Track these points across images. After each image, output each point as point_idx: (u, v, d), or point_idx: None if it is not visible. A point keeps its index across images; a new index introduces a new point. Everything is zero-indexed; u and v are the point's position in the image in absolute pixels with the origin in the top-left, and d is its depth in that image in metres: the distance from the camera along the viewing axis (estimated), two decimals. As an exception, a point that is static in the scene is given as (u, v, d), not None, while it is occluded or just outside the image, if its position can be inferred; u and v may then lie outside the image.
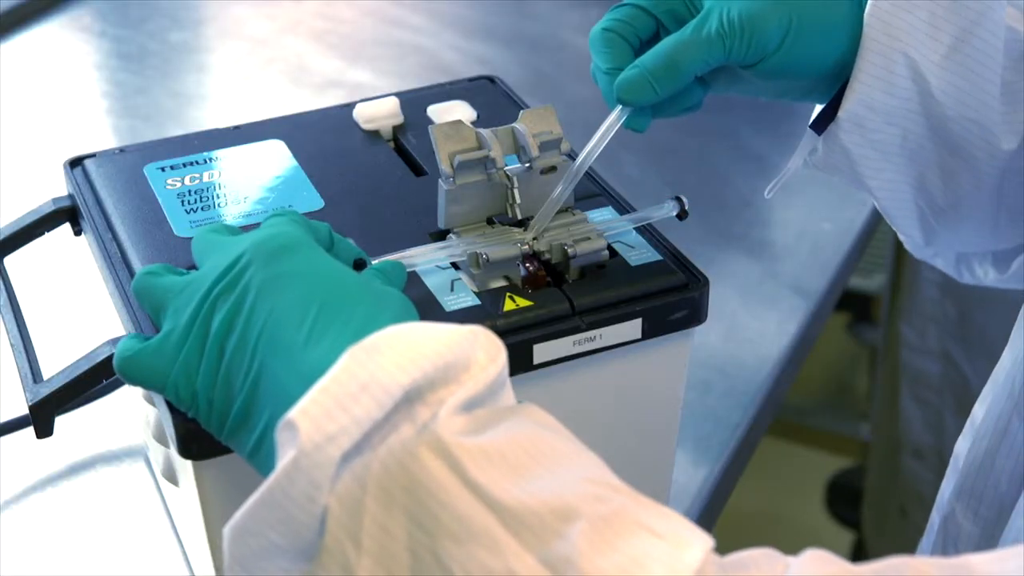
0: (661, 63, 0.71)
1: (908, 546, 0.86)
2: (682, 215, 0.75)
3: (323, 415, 0.51)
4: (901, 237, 0.84)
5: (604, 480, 0.53)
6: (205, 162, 0.82)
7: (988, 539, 0.71)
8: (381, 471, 0.51)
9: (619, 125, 0.73)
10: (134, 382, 0.63)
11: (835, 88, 0.75)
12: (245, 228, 0.68)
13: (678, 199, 0.75)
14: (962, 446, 0.74)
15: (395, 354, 0.52)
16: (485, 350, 0.55)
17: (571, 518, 0.50)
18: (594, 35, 0.75)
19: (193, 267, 0.65)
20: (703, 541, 0.50)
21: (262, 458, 0.58)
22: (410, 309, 0.61)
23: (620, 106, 0.73)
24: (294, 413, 0.52)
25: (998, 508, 0.70)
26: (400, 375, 0.52)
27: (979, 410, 0.73)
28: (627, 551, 0.49)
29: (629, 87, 0.72)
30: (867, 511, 1.92)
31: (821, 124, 0.75)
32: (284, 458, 0.52)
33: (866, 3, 0.73)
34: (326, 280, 0.59)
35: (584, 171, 0.73)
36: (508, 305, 0.70)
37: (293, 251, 0.60)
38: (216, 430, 0.60)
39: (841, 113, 0.74)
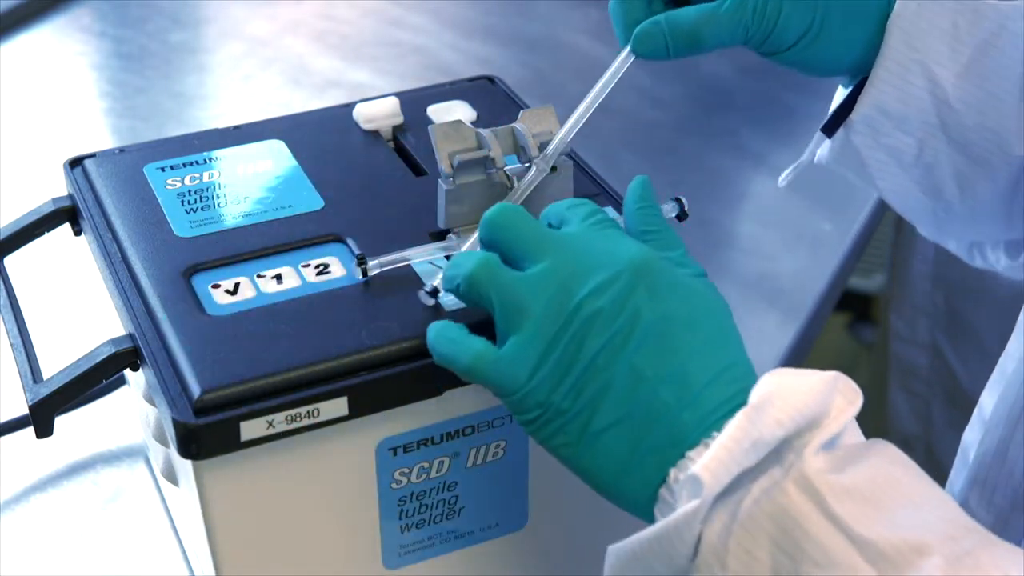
0: (683, 30, 0.72)
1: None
2: (682, 216, 0.75)
3: (722, 470, 0.56)
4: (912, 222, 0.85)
5: (959, 520, 0.56)
6: (205, 162, 0.82)
7: (1002, 527, 0.71)
8: (751, 503, 0.56)
9: (628, 65, 0.74)
10: (481, 383, 0.62)
11: (857, 77, 0.76)
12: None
13: (678, 200, 0.75)
14: (971, 438, 0.74)
15: (775, 410, 0.57)
16: (843, 394, 0.59)
17: (926, 553, 0.53)
18: None
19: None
20: None
21: (634, 477, 0.60)
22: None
23: (629, 49, 0.73)
24: (699, 470, 0.56)
25: (1012, 497, 0.71)
26: (778, 430, 0.56)
27: (987, 401, 0.73)
28: None
29: (645, 41, 0.73)
30: None
31: (834, 123, 0.77)
32: (685, 504, 0.56)
33: (892, 8, 0.74)
34: (708, 317, 0.61)
35: (593, 109, 0.73)
36: (508, 305, 0.70)
37: (672, 281, 0.62)
38: (568, 436, 0.60)
39: (854, 115, 0.75)
